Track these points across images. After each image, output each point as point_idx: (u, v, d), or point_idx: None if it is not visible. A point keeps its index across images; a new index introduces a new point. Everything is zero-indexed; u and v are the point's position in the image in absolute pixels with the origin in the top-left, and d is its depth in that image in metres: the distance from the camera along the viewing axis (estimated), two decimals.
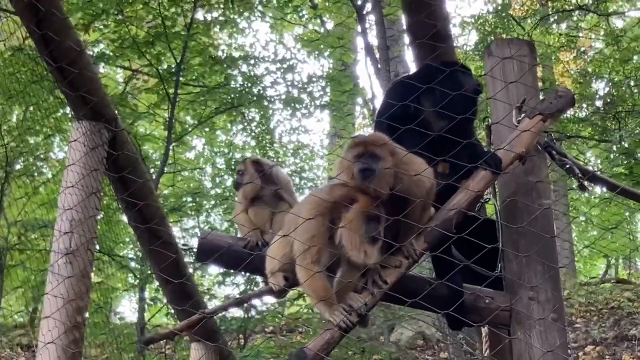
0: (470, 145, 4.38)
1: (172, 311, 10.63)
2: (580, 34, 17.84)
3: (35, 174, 12.77)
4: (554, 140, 4.76)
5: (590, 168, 4.92)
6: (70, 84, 4.41)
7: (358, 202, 3.95)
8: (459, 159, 4.21)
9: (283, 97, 14.88)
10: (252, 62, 14.78)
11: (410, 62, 13.77)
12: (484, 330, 5.31)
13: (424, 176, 4.06)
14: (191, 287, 5.79)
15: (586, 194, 19.08)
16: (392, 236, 4.05)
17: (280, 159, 15.66)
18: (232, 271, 11.65)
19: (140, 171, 5.10)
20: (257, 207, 5.17)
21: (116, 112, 5.11)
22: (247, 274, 11.39)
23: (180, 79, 13.26)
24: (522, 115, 4.50)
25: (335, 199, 4.00)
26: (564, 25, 17.91)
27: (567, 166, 4.69)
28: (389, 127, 4.47)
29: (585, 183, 4.76)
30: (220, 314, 11.19)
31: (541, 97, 4.78)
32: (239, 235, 5.05)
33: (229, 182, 14.57)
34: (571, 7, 16.13)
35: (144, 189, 5.08)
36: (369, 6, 13.62)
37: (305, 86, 15.03)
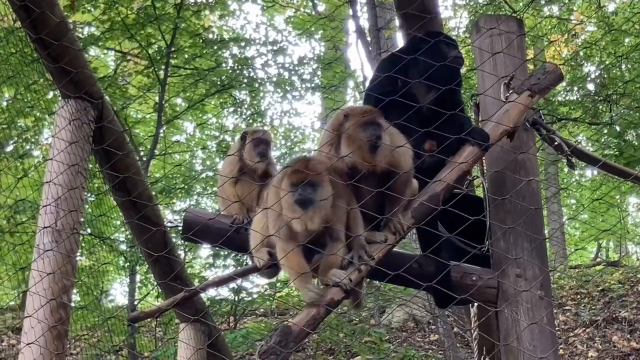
0: (459, 121, 4.36)
1: (163, 293, 10.64)
2: (572, 17, 17.79)
3: (24, 156, 12.70)
4: (542, 117, 4.74)
5: (579, 146, 4.89)
6: (51, 57, 4.38)
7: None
8: (447, 133, 4.19)
9: (274, 79, 14.85)
10: (243, 44, 14.73)
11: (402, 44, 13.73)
12: (473, 310, 5.31)
13: (407, 148, 4.06)
14: (177, 263, 5.78)
15: (577, 177, 19.15)
16: (377, 210, 4.04)
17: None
18: (221, 252, 11.65)
19: (126, 146, 5.07)
20: (246, 182, 4.97)
21: (105, 95, 5.08)
22: (237, 254, 11.40)
23: (171, 61, 13.19)
24: (510, 91, 4.48)
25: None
26: (555, 8, 17.86)
27: (556, 143, 4.67)
28: (376, 101, 4.46)
29: (574, 160, 4.74)
30: (210, 296, 11.22)
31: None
32: (221, 210, 4.94)
33: (220, 165, 14.52)
34: None
35: (129, 165, 5.05)
36: None
37: (296, 69, 15.00)
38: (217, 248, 10.28)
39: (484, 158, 4.65)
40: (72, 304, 4.85)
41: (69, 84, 4.57)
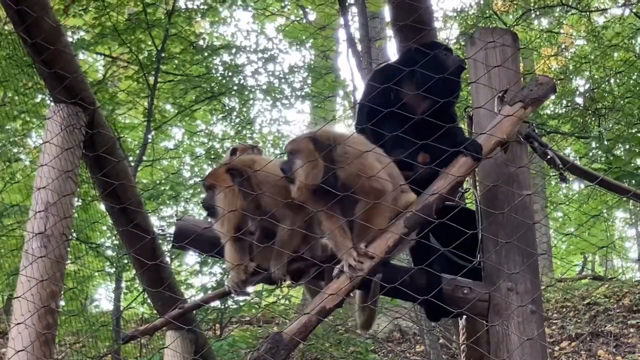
0: (452, 133, 4.35)
1: (149, 300, 10.58)
2: (562, 31, 17.88)
3: (12, 160, 12.64)
4: (535, 131, 4.75)
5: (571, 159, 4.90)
6: (45, 62, 4.35)
7: None
8: (441, 145, 4.18)
9: (264, 87, 14.84)
10: (233, 51, 14.73)
11: (392, 55, 13.75)
12: (461, 322, 5.30)
13: (380, 178, 4.04)
14: (166, 271, 5.75)
15: (564, 190, 19.21)
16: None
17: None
18: (209, 260, 11.61)
19: (117, 153, 5.04)
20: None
21: (95, 98, 5.04)
22: (225, 263, 11.36)
23: (161, 67, 13.17)
24: (504, 104, 4.48)
25: None
26: (545, 22, 17.95)
27: (549, 157, 4.67)
28: (369, 113, 4.46)
29: (566, 174, 4.74)
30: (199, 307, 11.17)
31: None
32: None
33: (208, 171, 14.46)
34: (553, 3, 16.14)
35: (121, 172, 5.02)
36: None
37: (287, 77, 15.00)
38: (207, 256, 10.26)
39: (476, 170, 4.64)
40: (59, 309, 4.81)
41: (61, 89, 4.55)
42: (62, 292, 4.83)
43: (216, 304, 11.65)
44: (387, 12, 12.15)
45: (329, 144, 4.08)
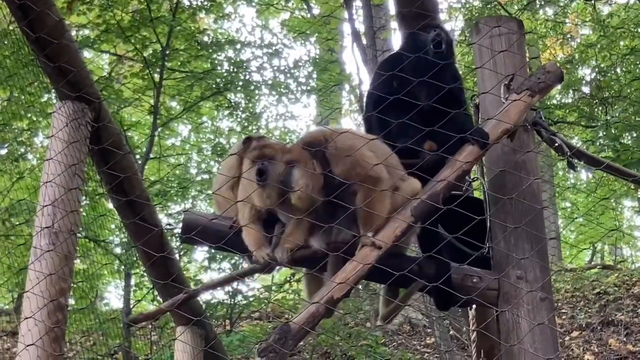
0: (459, 120, 4.35)
1: (159, 297, 10.59)
2: (567, 20, 17.82)
3: (20, 160, 12.66)
4: (542, 118, 4.73)
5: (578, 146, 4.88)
6: (49, 57, 4.34)
7: None
8: (448, 132, 4.17)
9: (269, 82, 14.82)
10: (238, 47, 14.71)
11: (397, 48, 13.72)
12: (471, 313, 5.29)
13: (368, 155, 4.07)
14: (174, 265, 5.74)
15: (572, 180, 19.16)
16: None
17: None
18: (217, 255, 11.62)
19: (123, 147, 5.03)
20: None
21: (101, 96, 5.04)
22: (233, 259, 11.37)
23: (166, 64, 13.17)
24: (510, 91, 4.47)
25: None
26: (550, 11, 17.89)
27: (556, 144, 4.65)
28: (376, 102, 4.48)
29: (575, 161, 4.72)
30: (206, 299, 11.20)
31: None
32: (218, 213, 4.89)
33: (215, 168, 14.51)
34: None
35: (126, 166, 5.01)
36: None
37: (292, 71, 14.98)
38: (215, 250, 10.27)
39: (483, 158, 4.62)
40: (69, 307, 4.81)
41: (66, 85, 4.54)
42: (71, 289, 4.83)
43: (225, 298, 11.67)
44: (391, 4, 12.16)
45: (320, 146, 4.12)
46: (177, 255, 11.93)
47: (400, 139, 4.39)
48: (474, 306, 4.98)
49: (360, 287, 12.98)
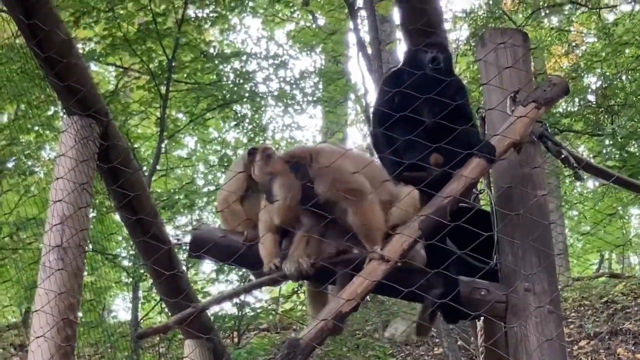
0: (465, 134, 4.35)
1: (166, 309, 10.60)
2: (572, 28, 17.83)
3: (27, 173, 12.69)
4: (549, 131, 4.74)
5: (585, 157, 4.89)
6: (58, 75, 4.36)
7: None
8: (454, 147, 4.19)
9: (275, 93, 14.85)
10: (243, 58, 14.75)
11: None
12: (479, 324, 5.28)
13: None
14: (183, 281, 5.75)
15: (579, 188, 19.13)
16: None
17: None
18: (225, 267, 11.63)
19: (132, 164, 5.05)
20: (253, 199, 4.88)
21: (108, 109, 5.06)
22: (241, 271, 11.38)
23: (172, 76, 13.20)
24: (516, 104, 4.48)
25: None
26: (555, 19, 17.91)
27: (563, 156, 4.66)
28: (380, 118, 4.51)
29: (581, 172, 4.73)
30: (214, 311, 11.20)
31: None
32: (225, 227, 4.89)
33: (222, 179, 14.54)
34: (562, 1, 16.13)
35: (136, 183, 5.02)
36: (360, 1, 13.60)
37: (298, 82, 15.01)
38: (224, 264, 10.30)
39: (490, 171, 4.63)
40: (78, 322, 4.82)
41: (75, 102, 4.56)
42: (80, 304, 4.84)
43: (233, 311, 11.68)
44: (396, 15, 12.18)
45: (304, 163, 4.17)
46: (184, 268, 11.97)
47: (407, 154, 4.41)
48: (482, 318, 4.98)
49: (368, 298, 12.98)
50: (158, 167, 13.48)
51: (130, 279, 12.43)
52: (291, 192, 4.12)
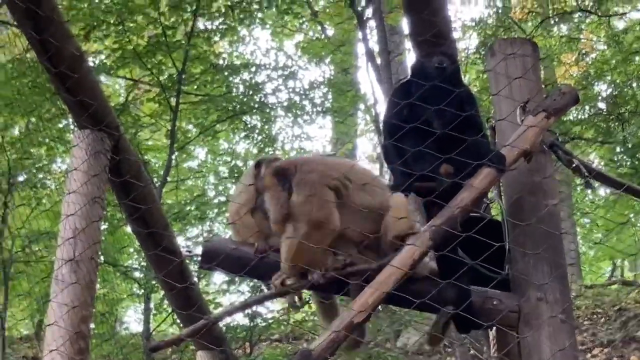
0: (475, 144, 4.36)
1: (178, 320, 10.61)
2: (582, 36, 17.81)
3: (38, 186, 12.75)
4: (559, 140, 4.74)
5: (595, 166, 4.89)
6: (70, 91, 4.38)
7: None
8: (464, 157, 4.19)
9: (285, 104, 14.88)
10: (253, 69, 14.79)
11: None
12: (492, 333, 5.27)
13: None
14: (195, 293, 5.76)
15: (590, 196, 19.07)
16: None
17: None
18: (236, 279, 11.63)
19: (143, 177, 5.06)
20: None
21: (118, 120, 5.08)
22: (252, 282, 11.38)
23: (182, 87, 13.25)
24: (526, 114, 4.48)
25: None
26: (564, 27, 17.90)
27: (574, 165, 4.65)
28: (390, 130, 4.52)
29: (592, 181, 4.72)
30: (226, 322, 11.20)
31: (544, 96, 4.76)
32: (235, 238, 4.88)
33: (232, 190, 14.57)
34: (572, 9, 16.12)
35: (147, 196, 5.04)
36: (369, 12, 13.64)
37: (307, 93, 15.03)
38: (237, 277, 10.31)
39: (500, 180, 4.63)
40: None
41: (86, 117, 4.58)
42: (93, 316, 4.85)
43: (245, 322, 11.68)
44: (405, 25, 12.20)
45: (290, 174, 4.23)
46: (195, 278, 11.98)
47: (417, 165, 4.42)
48: (494, 327, 4.96)
49: (380, 307, 12.96)
50: (169, 179, 13.51)
51: (142, 291, 12.45)
52: (278, 205, 4.18)
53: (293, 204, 4.15)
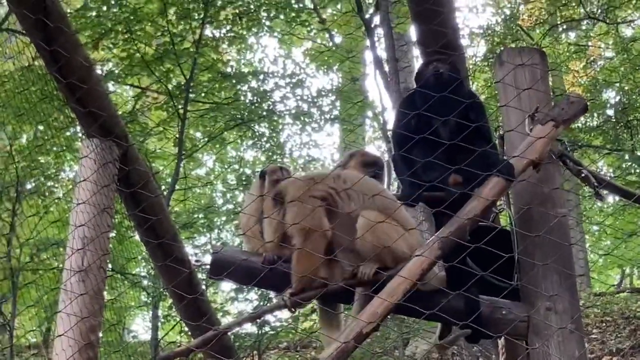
0: (484, 154, 4.35)
1: (186, 328, 10.61)
2: (590, 43, 17.79)
3: (46, 193, 12.77)
4: (568, 149, 4.72)
5: (604, 176, 4.88)
6: (79, 101, 4.39)
7: None
8: (472, 167, 4.18)
9: (293, 111, 14.88)
10: (261, 77, 14.79)
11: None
12: (501, 342, 5.26)
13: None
14: (205, 303, 5.76)
15: (599, 203, 19.02)
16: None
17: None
18: (245, 287, 11.62)
19: (152, 187, 5.07)
20: (272, 220, 4.97)
21: (126, 129, 5.09)
22: (260, 290, 11.37)
23: (190, 95, 13.26)
24: (535, 123, 4.47)
25: None
26: (572, 34, 17.88)
27: (583, 175, 4.64)
28: (399, 141, 4.53)
29: (601, 191, 4.71)
30: (234, 331, 11.19)
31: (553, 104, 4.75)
32: (244, 249, 4.91)
33: (240, 197, 14.57)
34: (580, 17, 16.10)
35: (156, 206, 5.05)
36: (377, 19, 13.63)
37: (315, 100, 15.03)
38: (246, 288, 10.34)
39: (509, 189, 4.62)
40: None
41: (94, 124, 4.59)
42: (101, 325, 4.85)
43: (253, 330, 11.66)
44: (412, 33, 12.20)
45: (284, 196, 4.45)
46: (203, 286, 11.97)
47: (425, 174, 4.42)
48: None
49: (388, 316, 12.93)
50: (176, 186, 13.51)
51: (150, 299, 12.44)
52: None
53: (287, 222, 4.28)
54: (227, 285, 13.10)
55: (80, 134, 11.29)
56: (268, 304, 7.66)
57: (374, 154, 5.38)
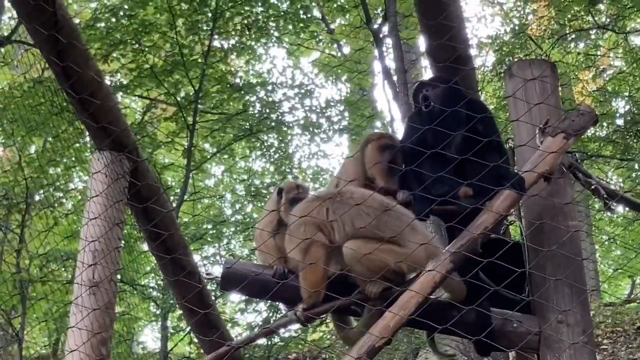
0: (494, 166, 4.35)
1: (195, 340, 10.60)
2: (599, 53, 17.74)
3: (56, 205, 12.79)
4: (579, 161, 4.72)
5: (613, 187, 4.88)
6: (92, 116, 4.40)
7: None
8: (483, 180, 4.18)
9: (301, 122, 14.89)
10: (269, 88, 14.82)
11: None
12: (512, 354, 5.25)
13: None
14: (215, 316, 5.76)
15: (609, 214, 18.97)
16: None
17: None
18: (255, 299, 11.61)
19: (163, 201, 5.08)
20: (284, 235, 4.99)
21: (137, 142, 5.10)
22: (270, 302, 11.37)
23: (199, 106, 13.29)
24: (546, 135, 4.46)
25: None
26: (582, 44, 17.84)
27: (593, 187, 4.63)
28: (408, 156, 4.56)
29: (611, 203, 4.70)
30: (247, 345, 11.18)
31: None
32: (259, 261, 4.92)
33: (249, 208, 14.58)
34: (589, 26, 16.07)
35: (167, 219, 5.05)
36: (385, 30, 13.64)
37: (324, 111, 15.04)
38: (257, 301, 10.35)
39: (520, 202, 4.61)
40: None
41: (105, 138, 4.60)
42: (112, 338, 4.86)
43: (262, 341, 11.65)
44: (422, 44, 12.21)
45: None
46: (213, 297, 11.97)
47: (435, 186, 4.42)
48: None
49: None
50: (185, 198, 13.53)
51: (159, 310, 12.45)
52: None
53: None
54: (236, 297, 13.10)
55: (89, 146, 11.30)
56: (278, 316, 7.67)
57: (390, 135, 5.33)
